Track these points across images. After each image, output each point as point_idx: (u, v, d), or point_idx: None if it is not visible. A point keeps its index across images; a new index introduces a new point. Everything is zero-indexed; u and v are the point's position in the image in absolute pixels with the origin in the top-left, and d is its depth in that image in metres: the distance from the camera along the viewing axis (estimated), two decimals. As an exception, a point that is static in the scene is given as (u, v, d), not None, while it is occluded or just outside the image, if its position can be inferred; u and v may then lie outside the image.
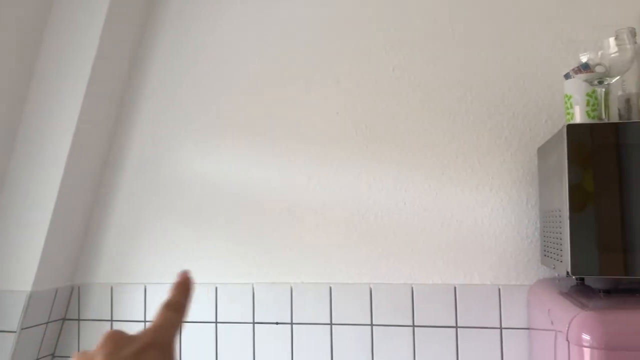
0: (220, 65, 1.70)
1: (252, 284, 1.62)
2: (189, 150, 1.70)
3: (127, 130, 1.75)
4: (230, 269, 1.64)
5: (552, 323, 1.08)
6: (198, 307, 1.65)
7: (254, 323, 1.60)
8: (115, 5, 1.60)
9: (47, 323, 1.66)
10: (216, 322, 1.63)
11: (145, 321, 1.68)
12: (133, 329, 1.46)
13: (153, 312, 1.66)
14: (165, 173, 1.71)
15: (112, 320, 1.71)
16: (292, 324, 1.58)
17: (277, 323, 1.59)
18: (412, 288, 1.52)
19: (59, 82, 1.59)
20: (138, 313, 1.69)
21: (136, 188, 1.73)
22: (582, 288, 1.16)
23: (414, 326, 1.50)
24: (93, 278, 1.75)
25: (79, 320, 1.73)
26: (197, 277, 1.64)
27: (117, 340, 0.40)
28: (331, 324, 1.55)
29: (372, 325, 1.53)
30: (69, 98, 1.58)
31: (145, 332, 0.42)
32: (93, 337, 1.71)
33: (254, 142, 1.65)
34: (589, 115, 1.18)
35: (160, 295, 1.67)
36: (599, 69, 1.10)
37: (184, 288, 0.47)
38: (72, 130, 1.58)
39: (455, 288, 1.49)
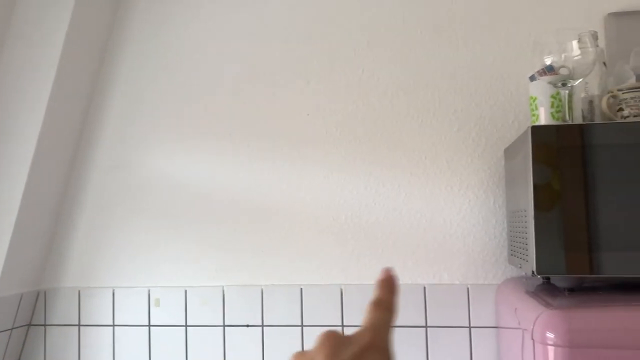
0: (190, 67, 1.68)
1: (223, 287, 1.61)
2: (158, 152, 1.68)
3: (95, 132, 1.72)
4: (200, 271, 1.63)
5: (518, 322, 1.10)
6: (167, 311, 1.63)
7: (224, 326, 1.59)
8: (81, 5, 1.57)
9: (11, 329, 1.62)
10: (186, 326, 1.62)
11: (113, 325, 1.65)
12: (101, 334, 1.43)
13: (122, 316, 1.65)
14: (133, 175, 1.69)
15: (79, 325, 1.67)
16: (263, 326, 1.57)
17: (247, 325, 1.58)
18: (382, 288, 1.52)
19: (24, 82, 1.55)
20: (106, 318, 1.67)
21: (104, 190, 1.71)
22: (547, 287, 1.18)
23: (384, 326, 1.51)
24: (60, 282, 1.71)
25: (45, 325, 1.70)
26: (166, 281, 1.62)
27: (335, 341, 0.39)
28: (302, 325, 1.55)
29: (343, 326, 1.53)
30: (35, 98, 1.54)
31: (362, 333, 0.40)
32: (59, 342, 1.68)
33: (223, 143, 1.64)
34: (553, 116, 1.20)
35: (129, 299, 1.65)
36: (562, 72, 1.12)
37: (390, 285, 0.44)
38: (37, 131, 1.54)
39: (424, 288, 1.51)
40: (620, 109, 1.17)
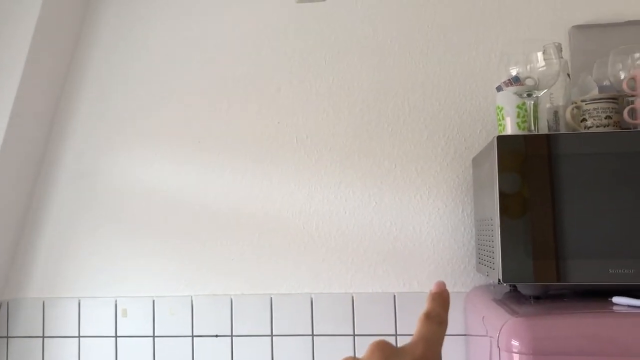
0: (160, 73, 1.66)
1: (191, 297, 1.59)
2: (126, 159, 1.66)
3: (61, 139, 1.69)
4: (168, 281, 1.60)
5: (486, 330, 1.11)
6: (135, 321, 1.60)
7: (192, 336, 1.57)
8: (49, 6, 1.54)
9: (-28, 342, 1.58)
10: (154, 336, 1.59)
11: (79, 336, 1.62)
12: (66, 346, 1.40)
13: (88, 327, 1.61)
14: (100, 184, 1.66)
15: (43, 337, 1.63)
16: (232, 336, 1.55)
17: (217, 336, 1.56)
18: (352, 297, 1.52)
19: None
20: (72, 329, 1.63)
21: (70, 199, 1.67)
22: (514, 295, 1.20)
23: (354, 335, 1.51)
24: (24, 293, 1.67)
25: (7, 337, 1.65)
26: (134, 291, 1.60)
27: (386, 352, 0.38)
28: (272, 335, 1.54)
29: (313, 335, 1.52)
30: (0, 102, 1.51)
31: (415, 345, 0.40)
32: (23, 355, 1.63)
33: (192, 150, 1.63)
34: (519, 126, 1.22)
35: (95, 310, 1.62)
36: (528, 82, 1.14)
37: (443, 299, 0.44)
38: (1, 136, 1.51)
39: (394, 296, 1.51)
40: (584, 120, 1.20)
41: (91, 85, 1.69)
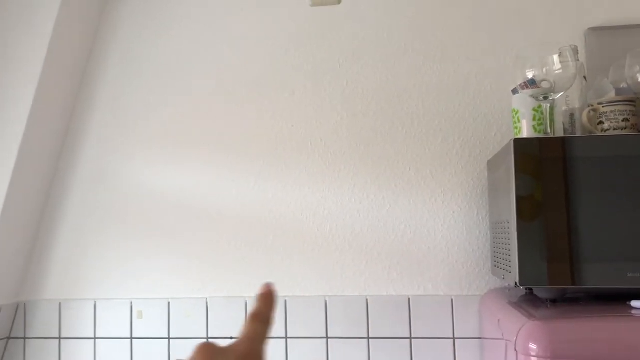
0: (174, 76, 1.68)
1: (207, 298, 1.60)
2: (142, 163, 1.67)
3: (77, 142, 1.71)
4: (183, 283, 1.61)
5: (502, 333, 1.10)
6: (150, 323, 1.61)
7: (207, 338, 1.58)
8: (64, 15, 1.56)
9: (-10, 342, 1.59)
10: (169, 338, 1.60)
11: (95, 338, 1.63)
12: (82, 347, 1.41)
13: (103, 329, 1.62)
14: (116, 186, 1.68)
15: (60, 338, 1.65)
16: (246, 338, 1.55)
17: (231, 338, 1.56)
18: (367, 300, 1.52)
19: (5, 93, 1.53)
20: (88, 330, 1.64)
21: (86, 201, 1.69)
22: (530, 298, 1.19)
23: (369, 338, 1.51)
24: (40, 294, 1.69)
25: (24, 338, 1.67)
26: (149, 292, 1.61)
27: (209, 352, 0.40)
28: (286, 337, 1.54)
29: (327, 337, 1.53)
30: (16, 109, 1.53)
31: (239, 344, 0.42)
32: (39, 356, 1.65)
33: (207, 154, 1.64)
34: (535, 129, 1.22)
35: (111, 311, 1.63)
36: (544, 85, 1.13)
37: (268, 299, 0.47)
38: (18, 141, 1.52)
39: (409, 299, 1.51)
40: (601, 122, 1.19)
41: (105, 90, 1.71)
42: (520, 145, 1.08)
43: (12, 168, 1.52)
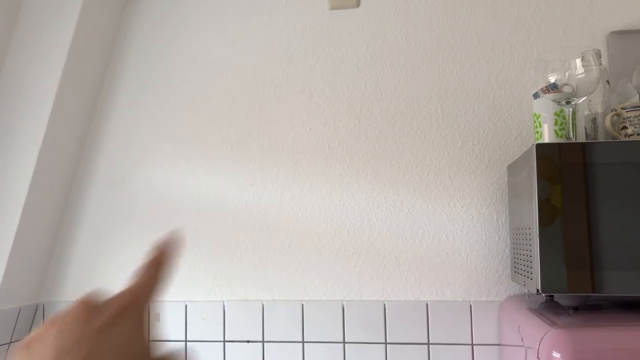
0: (192, 80, 1.68)
1: (223, 302, 1.60)
2: (159, 166, 1.68)
3: (97, 145, 1.72)
4: (200, 286, 1.62)
5: (522, 340, 1.09)
6: (167, 326, 1.61)
7: (224, 341, 1.58)
8: (85, 15, 1.58)
9: (9, 343, 1.60)
10: (186, 341, 1.60)
11: (112, 340, 1.64)
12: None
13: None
14: (133, 190, 1.68)
15: (78, 340, 1.66)
16: (263, 342, 1.56)
17: (248, 341, 1.56)
18: (384, 305, 1.51)
19: (26, 95, 1.55)
20: (105, 332, 1.65)
21: (104, 205, 1.70)
22: (551, 305, 1.18)
23: (386, 343, 1.50)
24: (59, 296, 1.70)
25: (43, 339, 1.68)
26: (166, 295, 1.61)
27: (87, 309, 0.37)
28: (303, 341, 1.54)
29: (344, 342, 1.52)
30: (36, 112, 1.54)
31: (118, 297, 0.39)
32: (58, 357, 1.66)
33: (224, 157, 1.64)
34: (557, 134, 1.20)
35: (128, 313, 1.63)
36: (566, 89, 1.12)
37: (167, 249, 0.42)
38: (38, 144, 1.54)
39: (427, 304, 1.50)
40: (624, 127, 1.18)
41: (124, 93, 1.72)
42: (543, 151, 1.06)
43: (32, 171, 1.53)
